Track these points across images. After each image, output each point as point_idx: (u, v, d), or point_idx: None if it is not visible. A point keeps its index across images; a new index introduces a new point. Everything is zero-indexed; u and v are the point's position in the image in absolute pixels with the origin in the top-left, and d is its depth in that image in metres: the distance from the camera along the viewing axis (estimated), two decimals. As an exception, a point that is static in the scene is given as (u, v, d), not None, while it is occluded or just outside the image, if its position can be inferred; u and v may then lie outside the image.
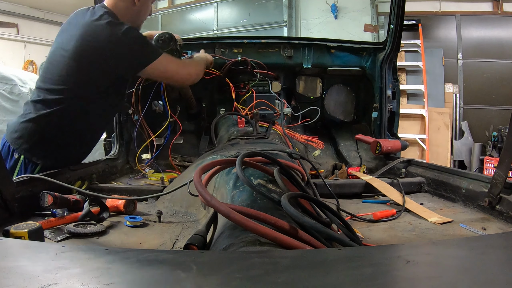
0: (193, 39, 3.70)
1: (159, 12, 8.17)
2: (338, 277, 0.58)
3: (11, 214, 1.35)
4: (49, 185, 1.52)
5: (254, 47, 2.82)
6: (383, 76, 2.71)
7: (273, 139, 2.29)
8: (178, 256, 0.72)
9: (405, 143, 2.59)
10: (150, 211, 1.59)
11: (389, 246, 1.00)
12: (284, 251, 0.77)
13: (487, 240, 0.89)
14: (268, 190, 1.19)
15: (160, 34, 2.18)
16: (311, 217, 0.95)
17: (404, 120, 5.79)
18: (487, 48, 6.35)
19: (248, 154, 1.29)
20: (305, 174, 1.64)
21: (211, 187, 1.39)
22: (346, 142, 2.95)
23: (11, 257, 0.68)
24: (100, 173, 2.14)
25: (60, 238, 1.24)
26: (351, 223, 1.47)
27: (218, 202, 0.93)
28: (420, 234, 1.39)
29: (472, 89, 6.41)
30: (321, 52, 2.86)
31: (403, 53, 6.38)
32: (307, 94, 3.10)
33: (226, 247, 0.85)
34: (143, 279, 0.58)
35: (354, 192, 1.95)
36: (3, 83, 4.11)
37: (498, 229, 1.39)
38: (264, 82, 2.78)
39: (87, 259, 0.67)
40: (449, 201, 1.80)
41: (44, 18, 9.08)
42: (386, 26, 3.02)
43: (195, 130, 2.98)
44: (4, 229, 1.12)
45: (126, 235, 1.31)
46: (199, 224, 1.40)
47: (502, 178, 1.42)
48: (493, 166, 5.59)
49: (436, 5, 6.51)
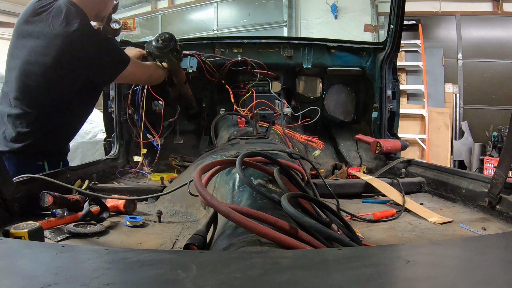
0: (193, 39, 3.70)
1: (159, 12, 8.17)
2: (338, 277, 0.58)
3: (11, 214, 1.35)
4: (49, 185, 1.52)
5: (254, 47, 2.82)
6: (383, 76, 2.71)
7: (273, 139, 2.29)
8: (178, 256, 0.72)
9: (405, 143, 2.59)
10: (150, 211, 1.59)
11: (389, 246, 0.99)
12: (284, 251, 0.77)
13: (487, 240, 0.88)
14: (268, 190, 1.19)
15: (160, 34, 2.18)
16: (311, 217, 0.95)
17: (404, 120, 5.79)
18: (487, 48, 6.35)
19: (248, 154, 1.29)
20: (305, 174, 1.64)
21: (211, 187, 1.38)
22: (346, 142, 2.95)
23: (11, 257, 0.68)
24: (100, 173, 2.14)
25: (60, 238, 1.24)
26: (351, 223, 1.47)
27: (218, 202, 0.93)
28: (420, 234, 1.39)
29: (472, 89, 6.41)
30: (321, 52, 2.86)
31: (403, 53, 6.38)
32: (307, 94, 3.10)
33: (226, 247, 0.85)
34: (143, 279, 0.58)
35: (354, 192, 1.95)
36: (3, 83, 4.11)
37: (498, 229, 1.39)
38: (264, 82, 2.78)
39: (87, 259, 0.67)
40: (449, 201, 1.80)
41: (44, 18, 9.08)
42: (386, 26, 3.02)
43: (195, 130, 2.98)
44: (4, 229, 1.12)
45: (126, 235, 1.31)
46: (199, 224, 1.40)
47: (502, 178, 1.42)
48: (493, 166, 5.58)
49: (436, 5, 6.51)
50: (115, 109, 2.57)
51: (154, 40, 2.15)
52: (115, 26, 2.45)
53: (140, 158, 2.56)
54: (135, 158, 2.58)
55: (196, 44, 2.80)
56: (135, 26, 2.63)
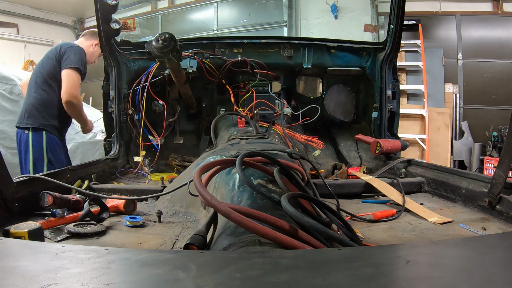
0: (193, 39, 3.70)
1: (159, 12, 8.17)
2: (338, 277, 0.58)
3: (11, 214, 1.35)
4: (49, 185, 1.52)
5: (254, 47, 2.82)
6: (383, 76, 2.71)
7: (273, 139, 2.29)
8: (178, 256, 0.72)
9: (405, 143, 2.59)
10: (150, 211, 1.59)
11: (389, 246, 0.99)
12: (284, 251, 0.77)
13: (487, 240, 0.88)
14: (268, 190, 1.19)
15: (160, 34, 2.18)
16: (311, 217, 0.95)
17: (404, 120, 5.78)
18: (487, 48, 6.35)
19: (248, 154, 1.29)
20: (305, 174, 1.64)
21: (211, 187, 1.38)
22: (346, 142, 2.95)
23: (11, 257, 0.68)
24: (100, 173, 2.14)
25: (60, 238, 1.24)
26: (351, 223, 1.47)
27: (218, 202, 0.93)
28: (420, 234, 1.39)
29: (472, 89, 6.40)
30: (321, 52, 2.86)
31: (403, 53, 6.38)
32: (307, 94, 3.10)
33: (226, 247, 0.85)
34: (143, 279, 0.58)
35: (354, 192, 1.95)
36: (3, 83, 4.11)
37: (498, 229, 1.39)
38: (264, 82, 2.78)
39: (87, 259, 0.67)
40: (449, 201, 1.80)
41: (44, 18, 9.06)
42: (386, 26, 3.02)
43: (195, 130, 2.98)
44: (4, 229, 1.12)
45: (126, 235, 1.31)
46: (199, 224, 1.40)
47: (502, 178, 1.42)
48: (493, 166, 5.58)
49: (436, 5, 6.51)
50: (115, 109, 2.56)
51: (154, 40, 2.15)
52: (115, 26, 2.45)
53: (139, 158, 2.56)
54: (135, 159, 2.58)
55: (196, 44, 2.80)
56: (135, 26, 2.63)
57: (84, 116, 2.94)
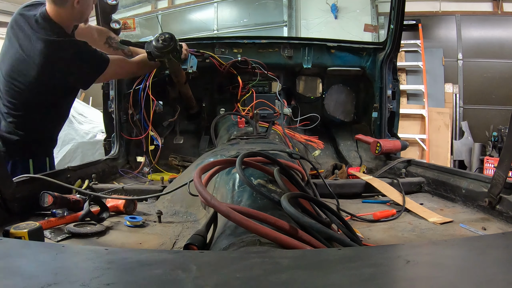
0: (193, 39, 3.70)
1: (159, 12, 8.17)
2: (338, 277, 0.58)
3: (11, 214, 1.35)
4: (49, 185, 1.52)
5: (254, 47, 2.82)
6: (383, 76, 2.71)
7: (273, 139, 2.29)
8: (178, 256, 0.72)
9: (405, 143, 2.59)
10: (150, 211, 1.59)
11: (389, 246, 0.99)
12: (284, 251, 0.77)
13: (487, 240, 0.88)
14: (268, 190, 1.19)
15: (160, 34, 2.18)
16: (311, 217, 0.95)
17: (404, 120, 5.78)
18: (487, 48, 6.34)
19: (248, 154, 1.29)
20: (305, 174, 1.64)
21: (211, 187, 1.38)
22: (346, 142, 2.95)
23: (11, 257, 0.68)
24: (100, 173, 2.14)
25: (60, 238, 1.24)
26: (351, 223, 1.47)
27: (218, 202, 0.93)
28: (420, 234, 1.39)
29: (472, 89, 6.40)
30: (321, 52, 2.86)
31: (403, 53, 6.38)
32: (307, 94, 3.10)
33: (226, 247, 0.85)
34: (143, 279, 0.58)
35: (354, 192, 1.95)
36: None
37: (498, 229, 1.39)
38: (264, 82, 2.78)
39: (87, 259, 0.67)
40: (449, 201, 1.80)
41: (44, 18, 9.08)
42: (386, 26, 3.02)
43: (195, 130, 2.98)
44: (4, 229, 1.12)
45: (126, 235, 1.31)
46: (199, 224, 1.40)
47: (502, 178, 1.42)
48: (493, 166, 5.58)
49: (436, 5, 6.50)
50: (115, 109, 2.56)
51: (154, 40, 2.15)
52: (115, 26, 2.46)
53: (142, 158, 2.56)
54: (138, 159, 2.58)
55: (196, 44, 2.80)
56: (135, 26, 2.64)
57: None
